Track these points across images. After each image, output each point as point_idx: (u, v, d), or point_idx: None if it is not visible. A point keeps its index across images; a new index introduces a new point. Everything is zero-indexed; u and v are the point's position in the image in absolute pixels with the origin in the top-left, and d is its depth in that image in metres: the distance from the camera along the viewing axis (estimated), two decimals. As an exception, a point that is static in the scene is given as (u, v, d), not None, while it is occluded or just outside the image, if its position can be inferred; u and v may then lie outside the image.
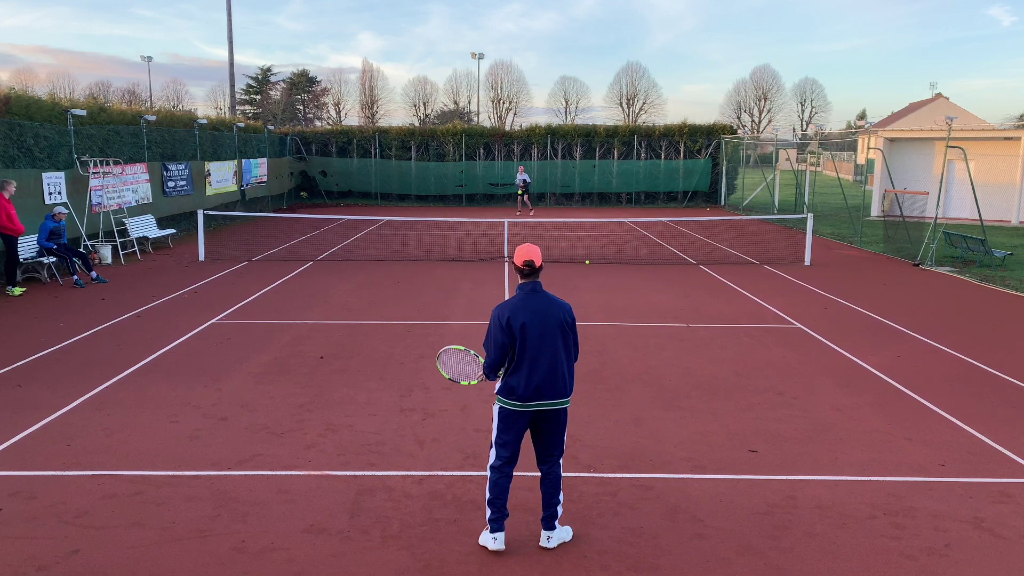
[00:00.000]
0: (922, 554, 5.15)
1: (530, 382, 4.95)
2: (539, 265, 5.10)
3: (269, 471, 6.33)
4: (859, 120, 65.65)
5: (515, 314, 4.98)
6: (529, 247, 5.13)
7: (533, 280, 5.10)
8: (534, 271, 5.08)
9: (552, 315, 5.02)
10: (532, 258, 5.06)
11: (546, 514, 5.18)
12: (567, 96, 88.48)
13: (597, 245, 21.40)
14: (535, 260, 5.07)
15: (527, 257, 5.06)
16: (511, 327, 4.96)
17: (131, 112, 21.30)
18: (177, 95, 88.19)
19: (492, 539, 5.11)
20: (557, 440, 5.17)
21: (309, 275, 15.99)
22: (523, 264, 5.06)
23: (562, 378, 5.03)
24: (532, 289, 5.07)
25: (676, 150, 36.24)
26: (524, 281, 5.11)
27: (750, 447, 6.93)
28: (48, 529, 5.35)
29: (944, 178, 19.73)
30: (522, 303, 5.02)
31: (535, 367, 4.95)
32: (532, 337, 4.95)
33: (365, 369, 9.25)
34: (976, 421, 7.64)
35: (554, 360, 4.98)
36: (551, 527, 5.18)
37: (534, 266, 5.07)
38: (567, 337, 5.08)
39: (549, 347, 4.98)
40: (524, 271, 5.08)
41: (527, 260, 5.05)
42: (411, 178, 36.26)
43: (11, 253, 13.63)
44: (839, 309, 13.00)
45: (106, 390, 8.35)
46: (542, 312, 5.00)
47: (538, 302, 5.03)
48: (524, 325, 4.95)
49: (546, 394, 4.99)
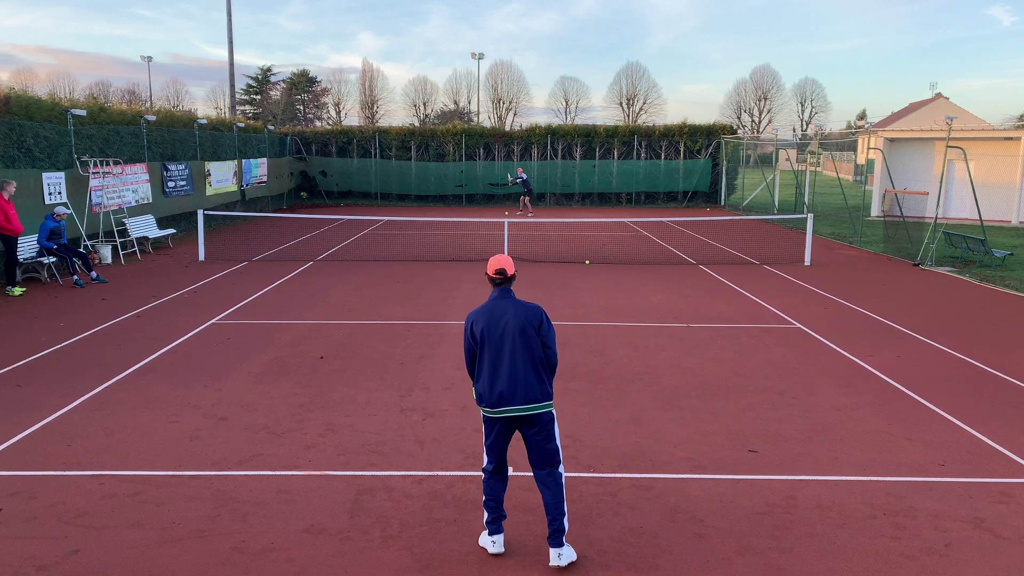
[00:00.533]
0: (922, 554, 5.15)
1: (493, 388, 4.92)
2: (511, 274, 5.10)
3: (269, 471, 6.33)
4: (859, 120, 65.67)
5: (477, 320, 5.02)
6: (501, 257, 5.13)
7: (503, 287, 5.10)
8: (506, 279, 5.09)
9: (513, 320, 4.95)
10: (504, 267, 5.08)
11: (552, 529, 4.93)
12: (567, 96, 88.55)
13: (597, 245, 21.40)
14: (507, 269, 5.08)
15: (499, 266, 5.08)
16: (473, 333, 5.01)
17: (131, 112, 21.30)
18: (177, 95, 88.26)
19: (491, 542, 5.09)
20: (544, 448, 4.97)
21: (309, 275, 15.99)
22: (495, 273, 5.08)
23: (526, 383, 4.88)
24: (499, 295, 5.07)
25: (676, 150, 36.24)
26: (494, 289, 5.13)
27: (750, 447, 6.92)
28: (48, 529, 5.35)
29: (944, 178, 19.73)
30: (487, 309, 5.04)
31: (495, 373, 4.92)
32: (490, 343, 4.95)
33: (365, 369, 9.25)
34: (976, 421, 7.64)
35: (513, 365, 4.89)
36: (559, 543, 4.91)
37: (506, 275, 5.08)
38: (530, 341, 4.94)
39: (508, 352, 4.91)
40: (496, 280, 5.10)
41: (499, 269, 5.07)
42: (411, 178, 36.26)
43: (10, 253, 13.63)
44: (839, 309, 13.00)
45: (106, 390, 8.35)
46: (502, 317, 4.96)
47: (501, 308, 5.00)
48: (483, 331, 4.97)
49: (511, 400, 4.88)
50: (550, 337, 5.03)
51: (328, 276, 15.86)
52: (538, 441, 4.97)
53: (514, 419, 4.96)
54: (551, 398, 5.01)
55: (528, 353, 4.93)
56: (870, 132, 36.14)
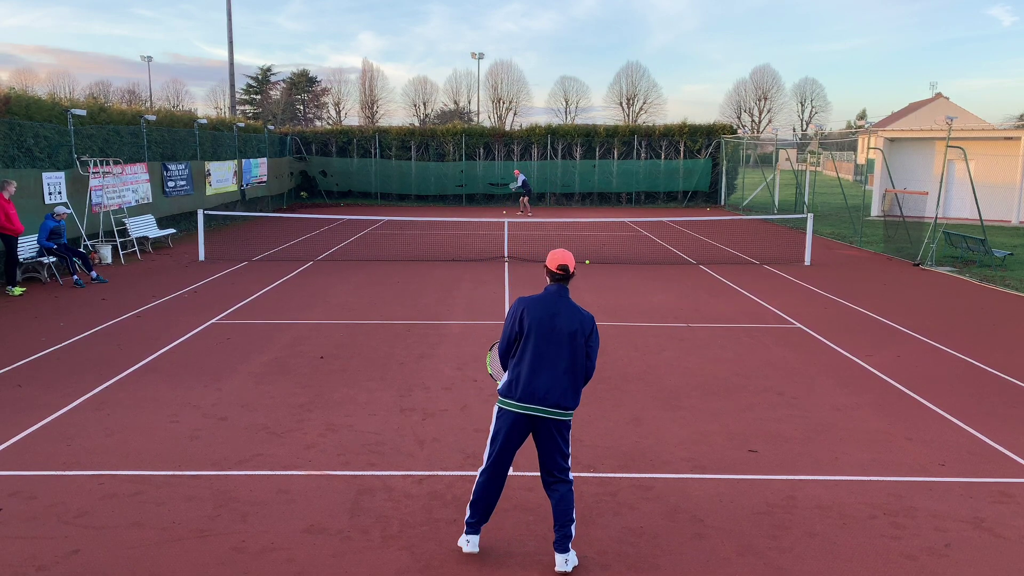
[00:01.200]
0: (922, 554, 5.15)
1: (530, 382, 4.84)
2: (572, 271, 5.07)
3: (269, 471, 6.33)
4: (859, 120, 65.64)
5: (530, 309, 4.94)
6: (564, 252, 5.08)
7: (561, 284, 5.06)
8: (567, 276, 5.05)
9: (565, 321, 4.89)
10: (566, 263, 5.03)
11: (560, 535, 4.89)
12: (567, 96, 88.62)
13: (597, 245, 21.40)
14: (569, 265, 5.04)
15: (562, 261, 5.02)
16: (522, 321, 4.93)
17: (131, 112, 21.29)
18: (177, 95, 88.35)
19: (466, 541, 5.05)
20: (554, 454, 4.92)
21: (309, 275, 15.99)
22: (557, 268, 5.02)
23: (559, 387, 4.85)
24: (556, 292, 5.01)
25: (676, 150, 36.24)
26: (551, 283, 5.08)
27: (750, 447, 6.93)
28: (48, 529, 5.35)
29: (944, 178, 19.73)
30: (541, 301, 4.98)
31: (535, 368, 4.85)
32: (538, 337, 4.88)
33: (365, 369, 9.25)
34: (976, 421, 7.64)
35: (554, 366, 4.85)
36: (565, 549, 4.89)
37: (568, 271, 5.04)
38: (576, 347, 4.89)
39: (552, 352, 4.86)
40: (557, 275, 5.04)
41: (561, 264, 5.02)
42: (411, 178, 36.26)
43: (11, 253, 13.63)
44: (839, 309, 13.00)
45: (106, 390, 8.35)
46: (555, 315, 4.91)
47: (556, 305, 4.95)
48: (533, 322, 4.90)
49: (540, 399, 4.83)
50: (594, 348, 4.98)
51: (328, 276, 15.86)
52: (549, 447, 4.93)
53: (535, 419, 4.89)
54: (575, 407, 4.97)
55: (571, 359, 4.89)
56: (870, 132, 36.14)
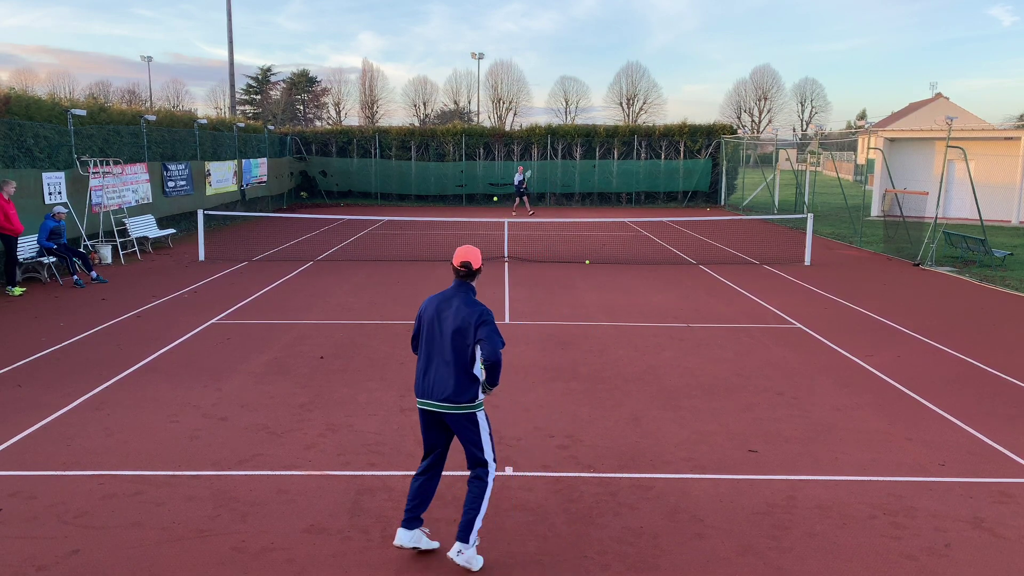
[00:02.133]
0: (922, 554, 5.15)
1: (422, 379, 5.00)
2: (476, 268, 5.07)
3: (269, 471, 6.33)
4: (859, 120, 65.64)
5: (426, 307, 5.08)
6: (469, 248, 5.10)
7: (463, 281, 5.07)
8: (469, 273, 5.06)
9: (452, 318, 4.91)
10: (469, 260, 5.06)
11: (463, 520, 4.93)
12: (567, 96, 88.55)
13: (597, 245, 21.40)
14: (472, 262, 5.06)
15: (464, 259, 5.06)
16: (420, 319, 5.10)
17: (131, 112, 21.29)
18: (177, 95, 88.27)
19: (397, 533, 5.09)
20: (468, 447, 5.00)
21: (309, 275, 15.99)
22: (459, 265, 5.05)
23: (442, 381, 4.89)
24: (455, 288, 5.05)
25: (676, 150, 36.24)
26: (455, 280, 5.11)
27: (750, 447, 6.93)
28: (48, 529, 5.35)
29: (944, 178, 19.73)
30: (437, 299, 5.07)
31: (427, 365, 5.00)
32: (428, 334, 5.01)
33: (365, 369, 9.25)
34: (976, 421, 7.64)
35: (440, 361, 4.91)
36: (464, 539, 4.87)
37: (471, 268, 5.05)
38: (463, 343, 4.87)
39: (437, 347, 4.94)
40: (460, 272, 5.06)
41: (464, 261, 5.05)
42: (411, 178, 36.25)
43: (10, 253, 13.63)
44: (839, 309, 13.00)
45: (106, 390, 8.35)
46: (445, 312, 4.96)
47: (450, 302, 4.99)
48: (425, 319, 5.04)
49: (432, 394, 4.93)
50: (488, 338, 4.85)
51: (328, 276, 15.86)
52: (464, 440, 5.02)
53: (438, 414, 5.00)
54: (474, 401, 4.94)
55: (457, 354, 4.89)
56: (870, 132, 36.13)
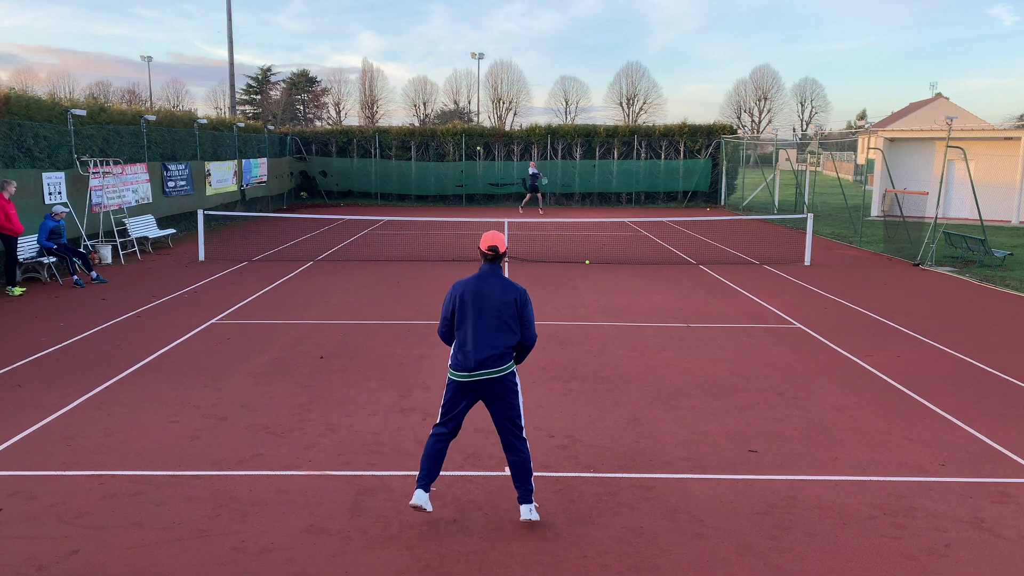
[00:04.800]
0: (922, 554, 5.15)
1: (462, 352, 5.25)
2: (503, 251, 5.43)
3: (269, 471, 6.33)
4: (859, 120, 65.68)
5: (463, 289, 5.33)
6: (495, 234, 5.44)
7: (494, 264, 5.41)
8: (497, 256, 5.40)
9: (495, 294, 5.29)
10: (496, 244, 5.39)
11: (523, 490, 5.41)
12: (567, 96, 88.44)
13: (597, 245, 21.40)
14: (499, 246, 5.40)
15: (492, 243, 5.39)
16: (453, 300, 5.33)
17: (131, 112, 21.29)
18: (177, 95, 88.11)
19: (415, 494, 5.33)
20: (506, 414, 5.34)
21: (309, 275, 15.99)
22: (487, 248, 5.38)
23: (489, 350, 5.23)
24: (488, 270, 5.37)
25: (676, 150, 36.24)
26: (484, 264, 5.42)
27: (750, 447, 6.93)
28: (48, 529, 5.35)
29: (944, 178, 19.73)
30: (473, 280, 5.36)
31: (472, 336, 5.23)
32: (472, 308, 5.26)
33: (365, 369, 9.25)
34: (976, 421, 7.64)
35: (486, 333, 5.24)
36: (528, 500, 5.41)
37: (498, 251, 5.39)
38: (505, 315, 5.28)
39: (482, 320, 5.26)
40: (488, 255, 5.39)
41: (491, 245, 5.38)
42: (411, 178, 36.25)
43: (10, 253, 13.64)
44: (839, 309, 13.00)
45: (106, 390, 8.35)
46: (483, 289, 5.29)
47: (486, 281, 5.32)
48: (467, 298, 5.28)
49: (475, 364, 5.23)
50: (530, 318, 5.40)
51: (328, 276, 15.86)
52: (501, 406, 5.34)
53: (480, 383, 5.26)
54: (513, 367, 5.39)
55: (501, 326, 5.29)
56: (870, 132, 36.14)
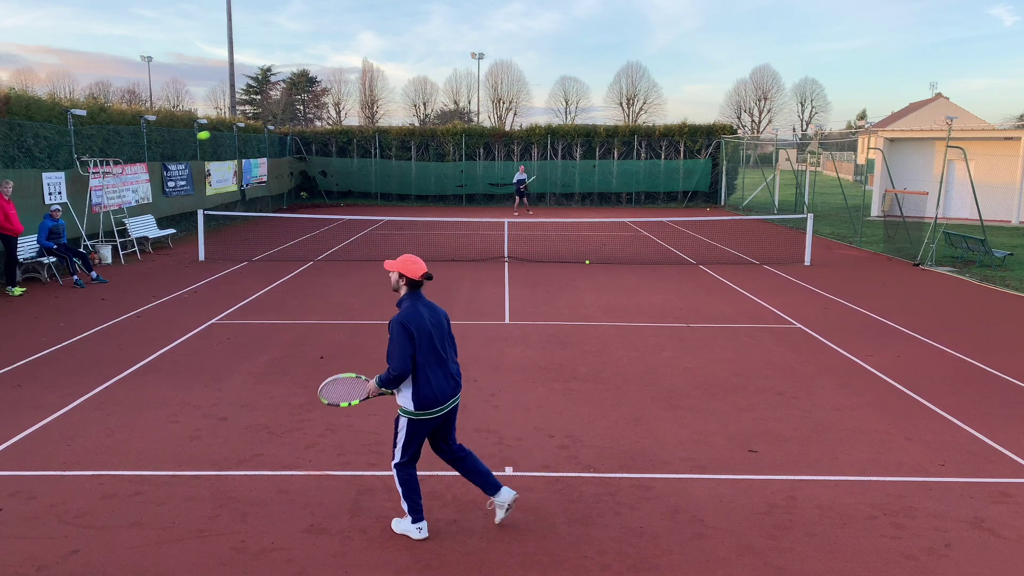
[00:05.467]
0: (922, 554, 5.15)
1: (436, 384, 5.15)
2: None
3: (269, 471, 6.33)
4: (859, 120, 65.69)
5: (417, 322, 5.10)
6: (418, 259, 5.26)
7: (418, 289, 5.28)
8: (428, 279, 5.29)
9: (440, 319, 5.28)
10: (427, 269, 5.29)
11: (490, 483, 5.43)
12: (567, 96, 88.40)
13: (597, 245, 21.40)
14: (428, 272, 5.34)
15: (424, 269, 5.25)
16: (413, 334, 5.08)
17: (131, 112, 21.28)
18: (177, 95, 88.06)
19: (416, 528, 5.27)
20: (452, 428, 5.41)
21: (309, 275, 15.99)
22: (422, 276, 5.22)
23: (456, 374, 5.31)
24: (418, 296, 5.26)
25: (676, 150, 36.24)
26: (411, 290, 5.24)
27: (750, 447, 6.93)
28: (48, 529, 5.35)
29: (944, 178, 19.73)
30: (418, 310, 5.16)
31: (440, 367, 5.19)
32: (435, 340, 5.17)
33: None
34: (976, 421, 7.64)
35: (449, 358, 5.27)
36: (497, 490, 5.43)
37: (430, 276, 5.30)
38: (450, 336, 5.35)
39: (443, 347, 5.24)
40: (424, 280, 5.24)
41: (426, 272, 5.26)
42: (411, 178, 36.25)
43: (10, 253, 13.63)
44: (839, 309, 13.00)
45: (106, 390, 8.35)
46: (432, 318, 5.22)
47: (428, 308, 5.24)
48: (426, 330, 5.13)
49: (453, 391, 5.26)
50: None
51: (328, 276, 15.86)
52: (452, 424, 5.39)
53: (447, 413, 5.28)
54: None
55: (452, 348, 5.38)
56: (870, 132, 36.14)
